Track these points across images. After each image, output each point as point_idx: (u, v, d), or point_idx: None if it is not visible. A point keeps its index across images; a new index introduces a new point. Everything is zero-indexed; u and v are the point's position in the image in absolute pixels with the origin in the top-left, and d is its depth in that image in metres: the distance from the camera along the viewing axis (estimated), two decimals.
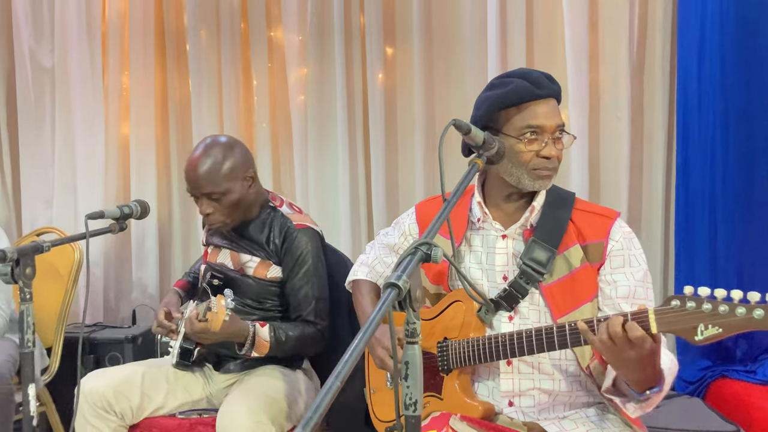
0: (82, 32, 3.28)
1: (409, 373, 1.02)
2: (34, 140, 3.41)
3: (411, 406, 1.02)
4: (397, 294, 0.97)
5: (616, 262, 1.61)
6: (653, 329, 1.35)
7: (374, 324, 0.90)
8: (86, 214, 1.71)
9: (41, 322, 2.81)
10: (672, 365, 1.50)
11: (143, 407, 2.12)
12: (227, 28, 3.21)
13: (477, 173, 1.35)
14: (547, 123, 1.58)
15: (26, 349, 1.53)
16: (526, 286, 1.61)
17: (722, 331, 1.29)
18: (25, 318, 1.51)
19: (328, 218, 3.12)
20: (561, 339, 1.49)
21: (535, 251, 1.61)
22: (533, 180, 1.61)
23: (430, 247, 1.07)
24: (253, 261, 2.18)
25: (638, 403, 1.46)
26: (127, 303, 3.42)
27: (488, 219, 1.70)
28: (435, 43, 3.08)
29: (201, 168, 2.07)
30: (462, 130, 1.32)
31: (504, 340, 1.57)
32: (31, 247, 1.55)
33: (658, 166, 2.94)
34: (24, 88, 3.39)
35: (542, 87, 1.59)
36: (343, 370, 0.81)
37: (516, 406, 1.64)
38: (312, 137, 3.16)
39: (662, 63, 2.90)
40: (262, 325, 2.07)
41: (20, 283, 1.51)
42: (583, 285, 1.61)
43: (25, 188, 3.43)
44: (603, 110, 2.96)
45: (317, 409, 0.76)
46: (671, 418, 2.33)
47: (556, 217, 1.65)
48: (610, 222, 1.64)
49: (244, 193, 2.12)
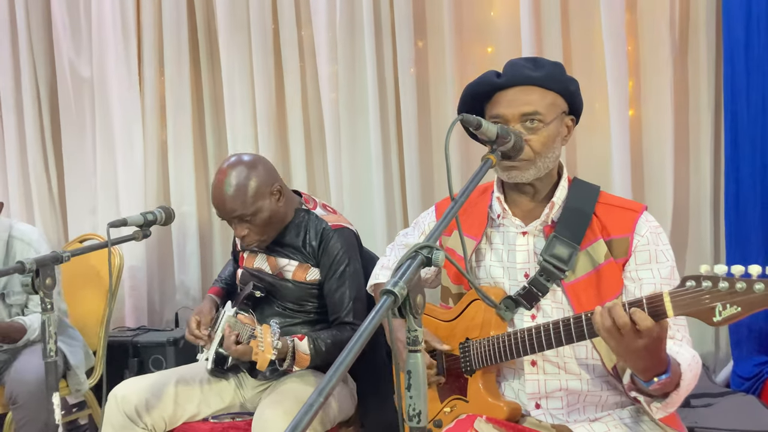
0: (118, 40, 3.33)
1: (411, 382, 0.97)
2: (77, 149, 3.49)
3: (415, 417, 0.98)
4: (393, 301, 0.93)
5: (642, 257, 1.54)
6: (669, 313, 1.27)
7: (365, 335, 0.86)
8: (108, 223, 1.72)
9: (87, 326, 2.89)
10: (693, 362, 1.41)
11: (177, 416, 2.14)
12: (258, 30, 3.21)
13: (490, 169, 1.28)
14: (506, 111, 1.52)
15: (49, 359, 1.54)
16: (546, 283, 1.55)
17: (741, 309, 1.20)
18: (47, 328, 1.53)
19: (363, 217, 3.08)
20: (578, 330, 1.42)
21: (556, 247, 1.55)
22: (503, 171, 1.57)
23: (431, 250, 1.02)
24: (291, 265, 2.17)
25: (658, 401, 1.39)
26: (171, 306, 3.48)
27: (508, 215, 1.64)
28: (466, 33, 3.00)
29: (227, 192, 2.04)
30: (471, 125, 1.26)
31: (523, 336, 1.51)
32: (51, 258, 1.57)
33: (705, 150, 2.79)
34: (66, 99, 3.47)
35: (504, 75, 1.55)
36: (327, 386, 0.77)
37: (543, 408, 1.58)
38: (345, 135, 3.13)
39: (707, 41, 2.75)
40: (301, 338, 2.05)
41: (40, 293, 1.52)
42: (608, 282, 1.54)
43: (70, 197, 3.52)
44: (644, 94, 2.84)
45: (295, 427, 0.72)
46: (722, 417, 2.20)
47: (579, 212, 1.58)
48: (636, 216, 1.57)
49: (274, 207, 2.10)
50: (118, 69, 3.34)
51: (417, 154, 3.02)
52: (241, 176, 2.05)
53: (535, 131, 1.53)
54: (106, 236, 2.93)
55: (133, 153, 3.36)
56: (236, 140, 3.27)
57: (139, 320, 3.40)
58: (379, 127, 3.05)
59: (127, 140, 3.36)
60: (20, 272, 1.52)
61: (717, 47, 2.74)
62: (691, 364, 1.40)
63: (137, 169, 3.36)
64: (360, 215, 3.08)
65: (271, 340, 1.86)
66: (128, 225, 1.80)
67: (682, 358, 1.39)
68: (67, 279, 2.85)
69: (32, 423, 2.35)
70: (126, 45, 3.34)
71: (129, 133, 3.36)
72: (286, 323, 2.17)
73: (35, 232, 2.75)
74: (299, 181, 3.22)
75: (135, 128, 3.36)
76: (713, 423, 2.19)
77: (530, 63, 1.57)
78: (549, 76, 1.55)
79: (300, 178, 3.23)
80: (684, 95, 2.82)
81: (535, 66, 1.56)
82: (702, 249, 2.81)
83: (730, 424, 2.17)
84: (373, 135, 3.06)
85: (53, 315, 1.54)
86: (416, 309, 0.98)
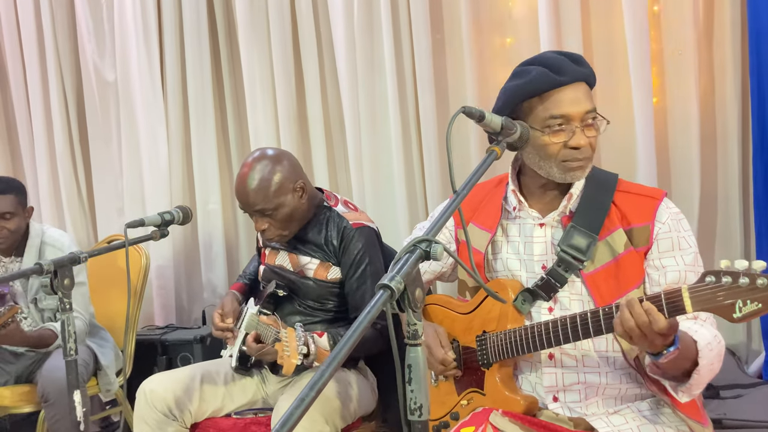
0: (140, 44, 3.38)
1: (412, 376, 0.97)
2: (104, 152, 3.56)
3: (416, 410, 0.97)
4: (389, 296, 0.92)
5: (665, 245, 1.51)
6: (689, 309, 1.25)
7: (361, 328, 0.86)
8: (126, 223, 1.75)
9: (115, 325, 2.95)
10: (714, 341, 1.39)
11: (202, 410, 2.17)
12: (277, 27, 3.22)
13: (494, 161, 1.27)
14: (572, 110, 1.48)
15: (69, 357, 1.58)
16: (564, 274, 1.53)
17: (762, 306, 1.18)
18: (66, 327, 1.57)
19: (385, 211, 3.09)
20: (596, 324, 1.41)
21: (574, 238, 1.53)
22: (564, 172, 1.53)
23: (430, 243, 1.02)
24: (313, 263, 2.18)
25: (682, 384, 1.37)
26: (199, 304, 3.53)
27: (524, 207, 1.63)
28: (484, 25, 2.97)
29: (250, 186, 2.06)
30: (474, 117, 1.25)
31: (540, 330, 1.50)
32: (68, 259, 1.60)
33: (732, 137, 2.73)
34: (91, 103, 3.54)
35: (564, 72, 1.48)
36: (320, 380, 0.77)
37: (561, 402, 1.57)
38: (365, 131, 3.13)
39: (732, 26, 2.68)
40: (320, 335, 2.06)
41: (59, 293, 1.56)
42: (628, 271, 1.51)
43: (99, 198, 3.59)
44: (668, 82, 2.78)
45: (286, 422, 0.72)
46: (753, 409, 2.15)
47: (597, 202, 1.55)
48: (656, 203, 1.54)
49: (296, 204, 2.11)
50: (141, 72, 3.39)
51: (437, 147, 3.01)
52: (265, 170, 2.07)
53: (596, 128, 1.51)
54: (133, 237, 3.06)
55: (158, 154, 3.41)
56: (258, 138, 3.30)
57: (168, 319, 3.45)
58: (399, 122, 3.04)
59: (152, 141, 3.41)
60: (38, 274, 1.56)
61: (742, 31, 2.67)
62: (711, 342, 1.37)
63: (162, 170, 3.41)
64: (382, 210, 3.08)
65: (297, 345, 1.87)
66: (146, 225, 1.83)
67: (700, 337, 1.37)
68: (96, 281, 2.91)
69: (63, 420, 2.41)
70: (148, 48, 3.39)
71: (153, 135, 3.41)
72: (306, 321, 2.18)
73: (66, 237, 2.81)
74: (321, 176, 3.24)
75: (159, 129, 3.41)
76: (743, 414, 2.14)
77: (569, 58, 1.53)
78: (592, 74, 1.54)
79: (321, 174, 3.24)
80: (709, 81, 2.76)
81: (576, 62, 1.53)
82: (731, 238, 2.75)
83: (760, 416, 2.13)
84: (393, 129, 3.05)
85: (71, 315, 1.58)
86: (415, 303, 0.97)
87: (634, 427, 1.48)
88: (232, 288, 2.42)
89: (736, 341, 2.75)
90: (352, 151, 3.14)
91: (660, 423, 1.50)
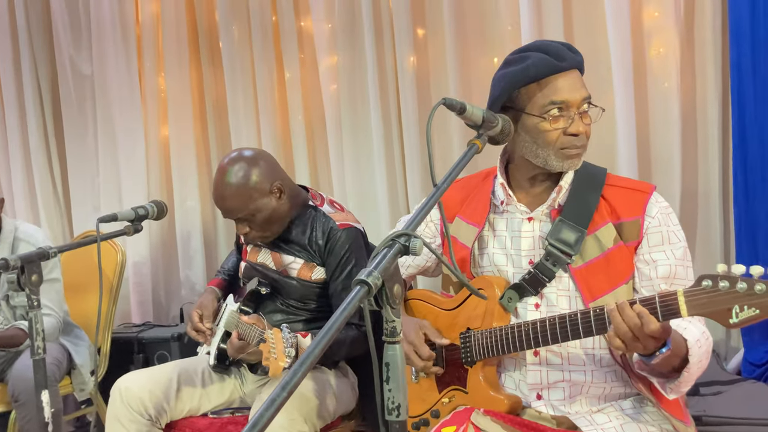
0: (117, 37, 3.33)
1: (390, 375, 0.94)
2: (80, 147, 3.50)
3: (394, 410, 0.95)
4: (366, 292, 0.90)
5: (655, 239, 1.50)
6: (684, 313, 1.24)
7: (336, 326, 0.83)
8: (98, 218, 1.70)
9: (91, 323, 2.89)
10: (702, 338, 1.38)
11: (178, 409, 2.13)
12: (258, 22, 3.19)
13: (475, 154, 1.24)
14: (571, 97, 1.47)
15: (37, 356, 1.53)
16: (552, 268, 1.51)
17: (759, 312, 1.17)
18: (34, 325, 1.52)
19: (367, 209, 3.06)
20: (586, 325, 1.39)
21: (562, 231, 1.51)
22: (562, 160, 1.51)
23: (409, 238, 0.99)
24: (297, 262, 2.13)
25: (671, 382, 1.36)
26: (176, 301, 3.48)
27: (513, 201, 1.60)
28: (468, 21, 2.95)
29: (226, 193, 2.01)
30: (455, 109, 1.22)
31: (527, 329, 1.47)
32: (36, 254, 1.55)
33: (713, 137, 2.72)
34: (67, 97, 3.48)
35: (563, 58, 1.47)
36: (292, 380, 0.74)
37: (545, 399, 1.55)
38: (346, 127, 3.10)
39: (713, 26, 2.68)
40: (304, 335, 2.02)
41: (26, 290, 1.51)
42: (618, 266, 1.50)
43: (74, 194, 3.53)
44: (650, 80, 2.77)
45: (256, 423, 0.69)
46: (731, 406, 2.15)
47: (586, 196, 1.54)
48: (646, 197, 1.52)
49: (275, 205, 2.06)
50: (119, 66, 3.33)
51: (418, 144, 2.98)
52: (240, 175, 2.01)
53: (587, 115, 1.51)
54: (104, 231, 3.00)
55: (135, 149, 3.36)
56: (239, 134, 3.26)
57: (145, 316, 3.40)
58: (380, 118, 3.01)
59: (129, 136, 3.36)
60: (4, 269, 1.51)
61: (723, 32, 2.67)
62: (699, 339, 1.37)
63: (139, 165, 3.36)
64: (363, 208, 3.06)
65: (284, 347, 1.83)
66: (119, 220, 1.78)
67: (689, 334, 1.36)
68: (72, 278, 2.85)
69: (35, 421, 2.35)
70: (126, 41, 3.33)
71: (131, 130, 3.36)
72: (288, 320, 2.14)
73: (40, 233, 2.75)
74: (302, 173, 3.20)
75: (136, 124, 3.36)
76: (723, 411, 2.14)
77: (568, 47, 1.53)
78: (583, 61, 1.54)
79: (303, 171, 3.20)
80: (690, 78, 2.75)
81: (570, 49, 1.52)
82: (711, 237, 2.75)
83: (739, 413, 2.12)
84: (374, 125, 3.03)
85: (40, 312, 1.53)
86: (393, 299, 0.95)
87: (618, 426, 1.47)
88: (211, 284, 2.36)
89: (716, 338, 2.75)
90: (333, 148, 3.11)
91: (643, 421, 1.49)
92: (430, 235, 1.79)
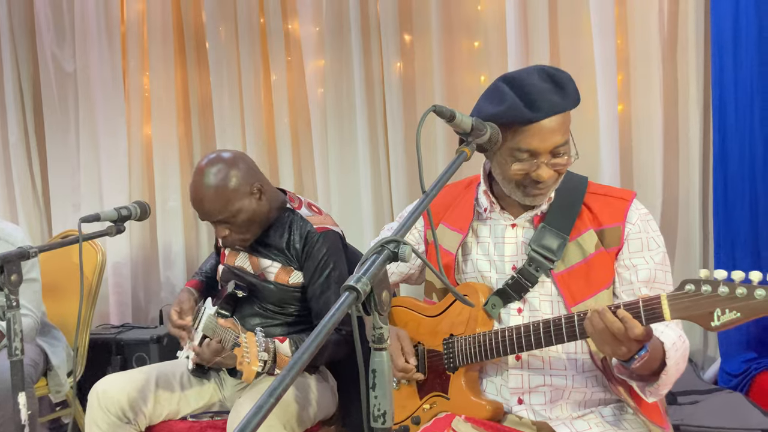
0: (102, 35, 3.29)
1: (377, 381, 0.94)
2: (61, 145, 3.45)
3: (380, 417, 0.94)
4: (355, 298, 0.89)
5: (635, 245, 1.53)
6: (667, 317, 1.26)
7: (324, 332, 0.82)
8: (81, 218, 1.68)
9: (69, 324, 2.84)
10: (678, 341, 1.40)
11: (157, 413, 2.10)
12: (245, 24, 3.17)
13: (463, 161, 1.25)
14: (540, 146, 1.45)
15: (14, 357, 1.50)
16: (535, 273, 1.53)
17: (741, 315, 1.19)
18: (12, 326, 1.49)
19: (351, 213, 3.06)
20: (569, 330, 1.40)
21: (545, 238, 1.53)
22: (524, 197, 1.53)
23: (398, 244, 0.99)
24: (274, 266, 2.12)
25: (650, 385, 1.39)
26: (156, 303, 3.45)
27: (496, 209, 1.62)
28: (454, 27, 2.97)
29: (204, 195, 1.98)
30: (444, 116, 1.23)
31: (511, 334, 1.49)
32: (16, 254, 1.52)
33: (694, 145, 2.77)
34: (49, 94, 3.43)
35: (538, 108, 1.42)
36: (280, 386, 0.74)
37: (526, 404, 1.56)
38: (331, 131, 3.10)
39: (696, 35, 2.72)
40: (282, 340, 2.01)
41: (5, 290, 1.48)
42: (599, 272, 1.52)
43: (54, 193, 3.48)
44: (633, 88, 2.81)
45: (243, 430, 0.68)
46: (709, 415, 2.18)
47: (568, 203, 1.56)
48: (627, 204, 1.56)
49: (255, 207, 2.04)
50: (102, 63, 3.30)
51: (404, 149, 2.99)
52: (219, 177, 1.98)
53: (563, 157, 1.48)
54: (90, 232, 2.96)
55: (117, 149, 3.32)
56: (224, 136, 3.24)
57: (123, 317, 3.36)
58: (366, 122, 3.02)
59: (111, 136, 3.32)
60: None
61: (705, 41, 2.71)
62: (675, 343, 1.39)
63: (121, 165, 3.32)
64: (347, 212, 3.05)
65: (257, 351, 1.81)
66: (101, 220, 1.76)
67: (665, 338, 1.38)
68: (50, 278, 2.80)
69: (10, 423, 2.31)
70: (110, 39, 3.30)
71: (113, 129, 3.32)
72: (266, 324, 2.13)
73: (19, 232, 2.69)
74: (286, 177, 3.19)
75: (119, 123, 3.32)
76: (700, 421, 2.16)
77: (552, 85, 1.46)
78: (573, 101, 1.48)
79: (287, 175, 3.19)
80: (673, 90, 2.79)
81: (560, 89, 1.46)
82: (691, 245, 2.79)
83: (716, 422, 2.15)
84: (359, 130, 3.03)
85: (18, 312, 1.50)
86: (382, 306, 0.94)
87: None
88: (188, 285, 2.34)
89: (693, 348, 2.79)
90: (318, 151, 3.11)
91: (623, 429, 1.50)
92: (414, 242, 1.80)
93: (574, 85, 1.50)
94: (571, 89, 1.48)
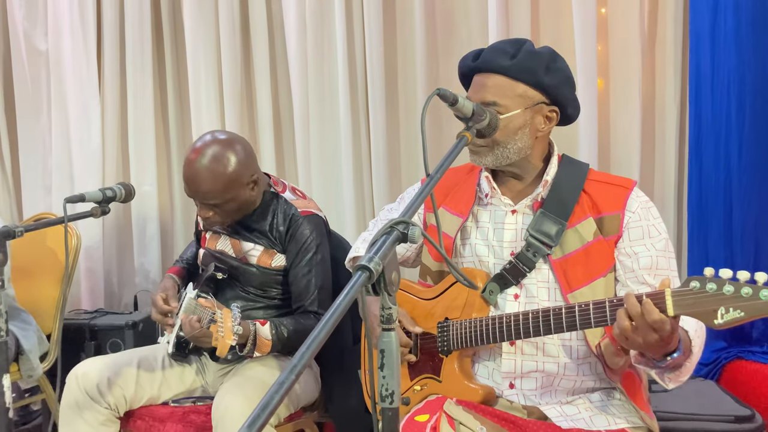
0: (74, 13, 3.19)
1: (385, 362, 0.94)
2: (32, 125, 3.35)
3: (388, 397, 0.95)
4: (367, 277, 0.89)
5: (635, 234, 1.54)
6: (670, 312, 1.27)
7: (339, 311, 0.82)
8: (65, 198, 1.64)
9: (41, 307, 2.78)
10: (698, 327, 1.42)
11: (137, 397, 2.08)
12: (225, 4, 3.12)
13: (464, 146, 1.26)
14: (472, 96, 1.53)
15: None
16: (533, 258, 1.54)
17: (744, 314, 1.21)
18: None
19: (332, 198, 3.04)
20: (569, 321, 1.42)
21: (543, 223, 1.54)
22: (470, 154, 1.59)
23: (407, 225, 0.99)
24: (256, 249, 2.11)
25: (671, 372, 1.39)
26: (131, 289, 3.38)
27: (497, 194, 1.63)
28: (438, 14, 2.96)
29: (202, 178, 1.95)
30: (447, 100, 1.23)
31: (508, 321, 1.50)
32: (2, 233, 1.49)
33: (670, 142, 2.81)
34: (20, 73, 3.33)
35: (480, 60, 1.55)
36: (300, 363, 0.73)
37: (517, 389, 1.58)
38: (313, 117, 3.07)
39: (674, 33, 2.76)
40: (263, 323, 2.00)
41: None
42: (597, 259, 1.53)
43: (25, 175, 3.38)
44: (612, 84, 2.84)
45: (265, 407, 0.68)
46: (682, 402, 2.23)
47: (567, 189, 1.58)
48: (627, 192, 1.57)
49: (247, 197, 2.04)
50: (75, 42, 3.21)
51: (385, 136, 2.97)
52: (220, 162, 1.96)
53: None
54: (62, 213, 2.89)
55: (90, 130, 3.24)
56: (201, 119, 3.18)
57: (96, 303, 3.29)
58: (349, 110, 2.99)
59: (84, 117, 3.24)
60: None
61: (684, 38, 2.76)
62: (697, 330, 1.41)
63: (95, 147, 3.24)
64: (328, 197, 3.03)
65: (232, 325, 1.80)
66: (86, 201, 1.72)
67: (688, 326, 1.40)
68: (20, 261, 2.73)
69: None
70: (83, 16, 3.20)
71: (86, 109, 3.24)
72: (247, 307, 2.12)
73: None
74: (268, 161, 3.15)
75: (93, 105, 3.24)
76: (673, 407, 2.21)
77: (512, 48, 1.53)
78: (519, 67, 1.51)
79: (269, 159, 3.15)
80: (651, 86, 2.83)
81: (514, 52, 1.52)
82: None
83: (689, 409, 2.20)
84: (342, 117, 3.00)
85: (3, 293, 1.46)
86: (391, 286, 0.95)
87: (587, 417, 1.51)
88: (170, 272, 2.31)
89: None
90: (300, 137, 3.08)
91: (611, 414, 1.53)
92: None
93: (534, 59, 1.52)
94: (522, 55, 1.52)
